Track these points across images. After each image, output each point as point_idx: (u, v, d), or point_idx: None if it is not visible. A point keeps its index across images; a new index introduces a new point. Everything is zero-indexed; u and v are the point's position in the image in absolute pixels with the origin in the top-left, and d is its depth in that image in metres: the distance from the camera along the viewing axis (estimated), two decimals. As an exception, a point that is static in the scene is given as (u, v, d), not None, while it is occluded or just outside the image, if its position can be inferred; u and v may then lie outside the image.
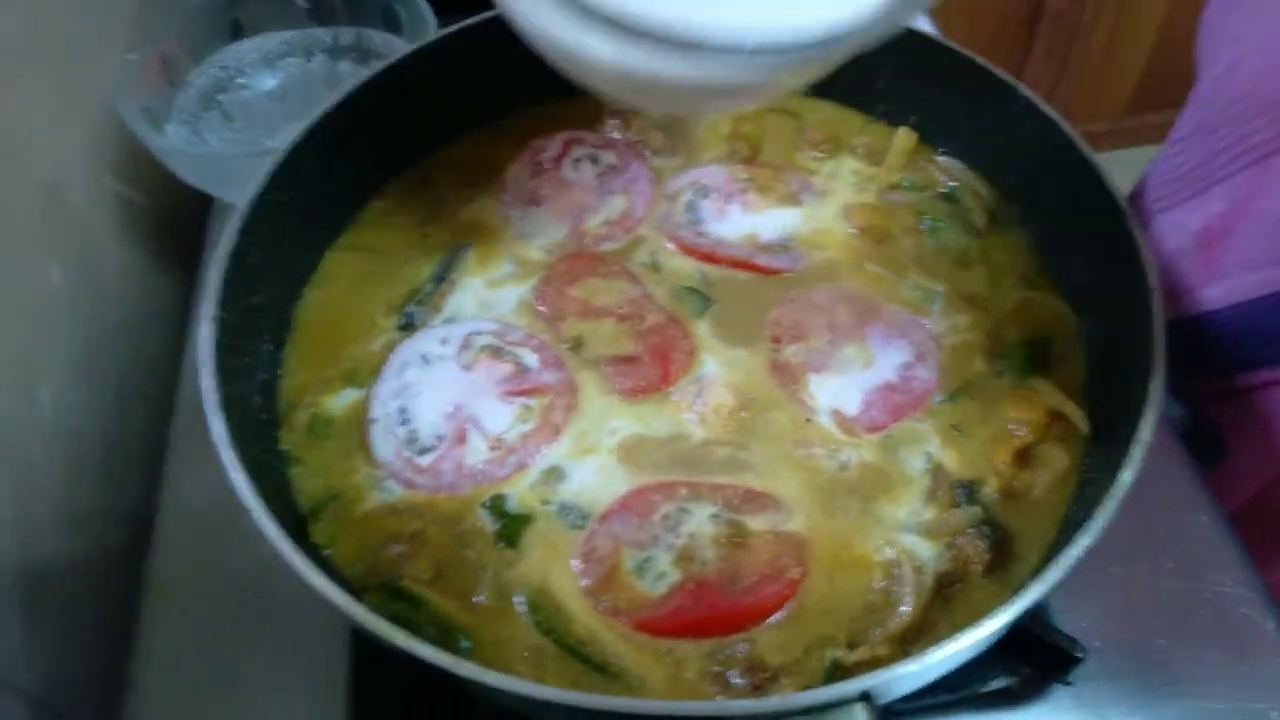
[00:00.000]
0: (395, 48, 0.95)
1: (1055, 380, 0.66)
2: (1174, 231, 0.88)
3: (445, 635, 0.57)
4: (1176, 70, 2.44)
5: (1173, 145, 0.88)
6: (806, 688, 0.53)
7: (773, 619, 0.57)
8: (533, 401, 0.65)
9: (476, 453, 0.63)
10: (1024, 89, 0.71)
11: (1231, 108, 0.79)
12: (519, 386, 0.66)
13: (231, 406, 0.58)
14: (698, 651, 0.56)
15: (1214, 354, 0.85)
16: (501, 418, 0.65)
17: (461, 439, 0.64)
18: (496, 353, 0.67)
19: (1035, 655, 0.63)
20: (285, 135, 0.69)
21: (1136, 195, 0.96)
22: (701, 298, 0.71)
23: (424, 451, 0.63)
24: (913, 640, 0.55)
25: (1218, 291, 0.84)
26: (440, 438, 0.64)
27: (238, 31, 0.96)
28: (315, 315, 0.72)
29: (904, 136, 0.79)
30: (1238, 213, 0.81)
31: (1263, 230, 0.78)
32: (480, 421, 0.65)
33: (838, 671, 0.54)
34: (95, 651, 0.76)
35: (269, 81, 0.96)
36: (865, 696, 0.46)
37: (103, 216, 0.91)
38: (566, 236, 0.75)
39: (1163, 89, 2.46)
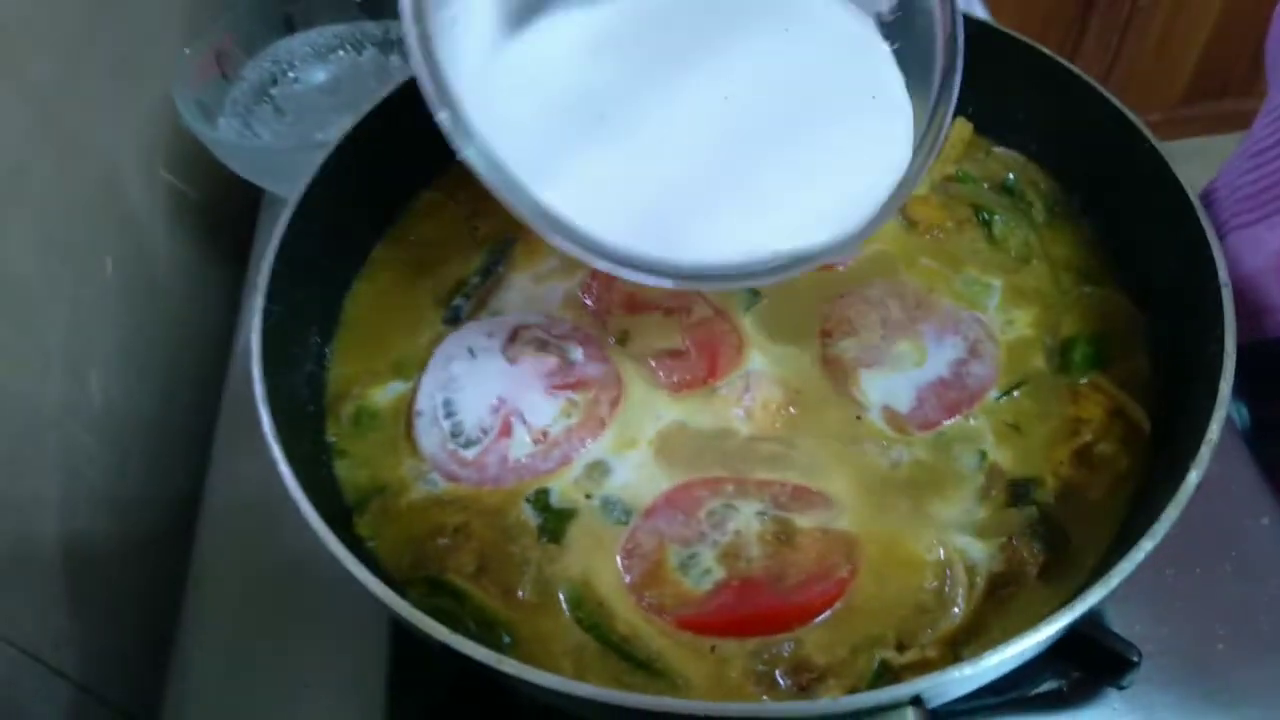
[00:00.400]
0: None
1: (1117, 377, 0.64)
2: (1253, 248, 0.85)
3: (487, 630, 0.57)
4: (1234, 59, 2.39)
5: (1250, 159, 0.84)
6: (854, 689, 0.52)
7: (820, 618, 0.56)
8: (578, 395, 0.65)
9: (521, 446, 0.63)
10: (1086, 76, 0.69)
11: None
12: (565, 380, 0.66)
13: (278, 398, 0.58)
14: (742, 650, 0.55)
15: None
16: (546, 411, 0.64)
17: (506, 432, 0.63)
18: (543, 346, 0.67)
19: (1088, 658, 0.61)
20: (335, 128, 0.69)
21: (1206, 203, 0.93)
22: (750, 291, 0.70)
23: (469, 444, 0.63)
24: (964, 642, 0.54)
25: None
26: (485, 431, 0.64)
27: (290, 26, 0.97)
28: (363, 308, 0.72)
29: (960, 127, 0.77)
30: None
31: None
32: (525, 415, 0.64)
33: (886, 673, 0.53)
34: (138, 637, 0.78)
35: (320, 75, 0.97)
36: (916, 700, 0.45)
37: (156, 208, 0.92)
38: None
39: (1220, 78, 2.40)
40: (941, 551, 0.58)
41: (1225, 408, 0.52)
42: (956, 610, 0.55)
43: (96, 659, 0.73)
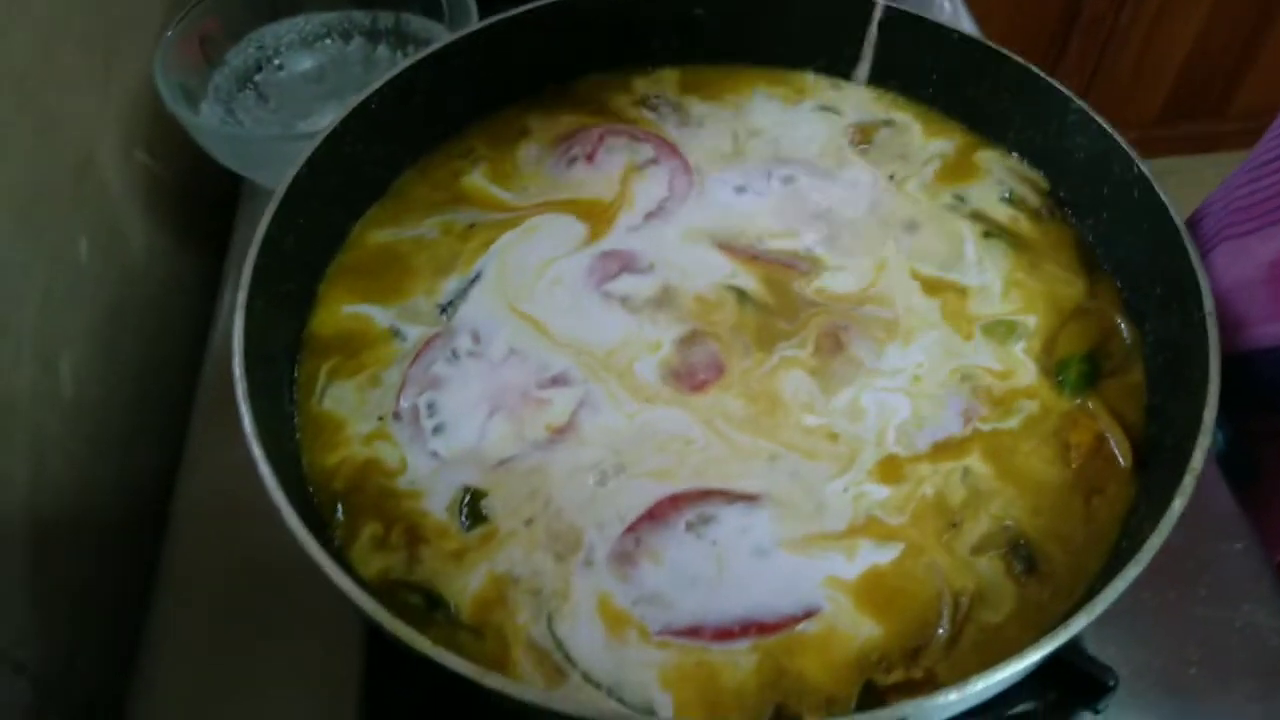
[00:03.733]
0: (434, 33, 0.94)
1: (1114, 394, 0.64)
2: (1243, 259, 0.85)
3: (467, 631, 0.56)
4: (1210, 82, 2.43)
5: (1250, 171, 0.85)
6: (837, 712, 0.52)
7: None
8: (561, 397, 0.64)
9: (502, 447, 0.63)
10: (1079, 101, 0.69)
11: None
12: (548, 379, 0.65)
13: (259, 396, 0.57)
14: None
15: (1275, 391, 0.83)
16: (528, 414, 0.64)
17: (487, 433, 0.63)
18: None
19: (1064, 681, 0.62)
20: (320, 118, 0.68)
21: (1200, 218, 0.94)
22: (738, 295, 0.69)
23: (449, 442, 0.63)
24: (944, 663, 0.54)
25: None
26: (467, 430, 0.63)
27: (276, 12, 0.95)
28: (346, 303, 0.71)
29: (961, 135, 0.78)
30: None
31: None
32: (508, 416, 0.64)
33: (872, 693, 0.53)
34: (104, 631, 0.76)
35: (305, 63, 0.95)
36: (900, 724, 0.45)
37: (133, 193, 0.90)
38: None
39: (1197, 99, 2.44)
40: (927, 573, 0.58)
41: (1210, 436, 0.53)
42: (941, 631, 0.55)
43: (60, 653, 0.71)
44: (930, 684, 0.53)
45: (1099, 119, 0.68)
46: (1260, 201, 0.83)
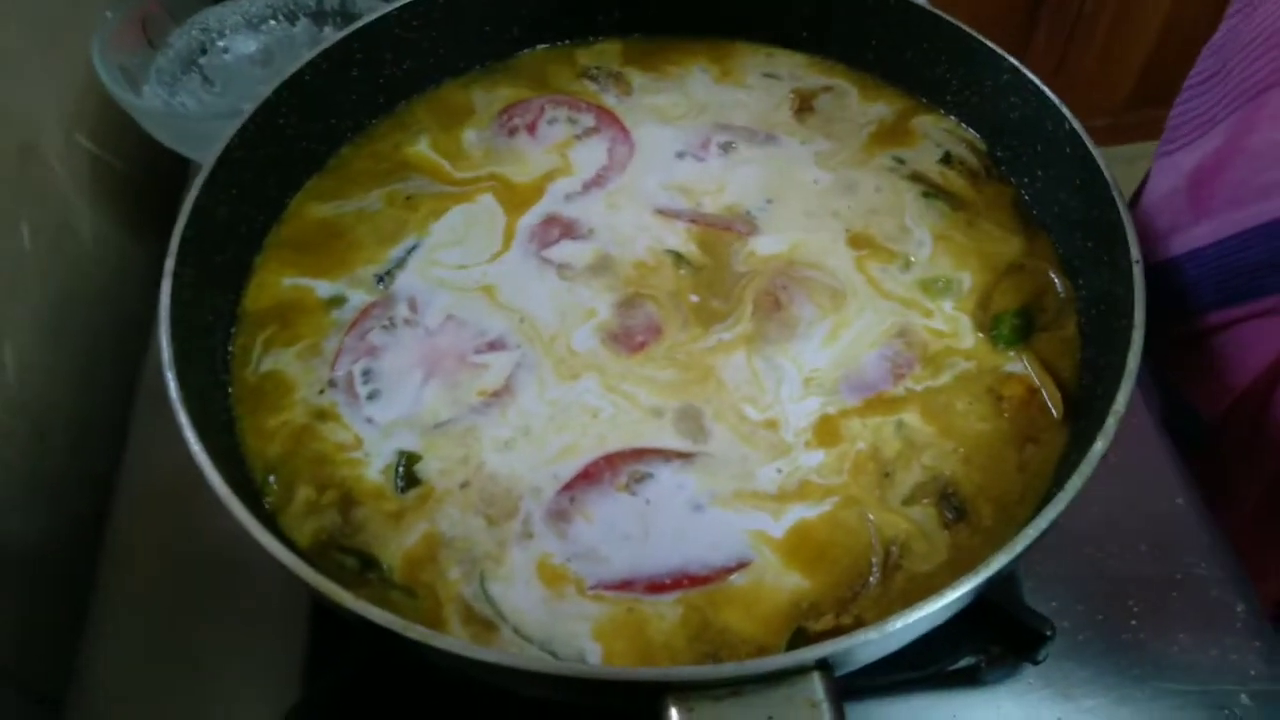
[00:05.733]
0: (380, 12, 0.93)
1: (1048, 348, 0.65)
2: (1171, 172, 0.89)
3: (404, 595, 0.56)
4: (1177, 67, 2.43)
5: (1185, 91, 0.88)
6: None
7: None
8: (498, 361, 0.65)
9: (436, 411, 0.63)
10: (1011, 59, 0.70)
11: (1244, 49, 0.78)
12: (485, 344, 0.65)
13: (190, 366, 0.57)
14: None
15: (1185, 296, 0.85)
16: (464, 379, 0.64)
17: (422, 399, 0.63)
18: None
19: (1004, 633, 0.62)
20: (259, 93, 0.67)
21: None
22: (675, 258, 0.70)
23: (383, 408, 0.63)
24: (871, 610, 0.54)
25: (1203, 230, 0.84)
26: (402, 396, 0.63)
27: (221, -8, 0.94)
28: (286, 276, 0.70)
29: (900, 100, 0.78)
30: (1230, 149, 0.82)
31: (1249, 165, 0.78)
32: (443, 382, 0.64)
33: (801, 641, 0.53)
34: (54, 618, 0.75)
35: (250, 45, 0.95)
36: (823, 665, 0.45)
37: (77, 178, 0.90)
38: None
39: (1165, 85, 2.43)
40: (858, 523, 0.58)
41: (1133, 380, 0.53)
42: (872, 580, 0.55)
43: (9, 640, 0.71)
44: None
45: (1032, 77, 0.69)
46: (1192, 119, 0.86)
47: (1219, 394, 0.88)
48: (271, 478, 0.60)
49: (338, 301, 0.68)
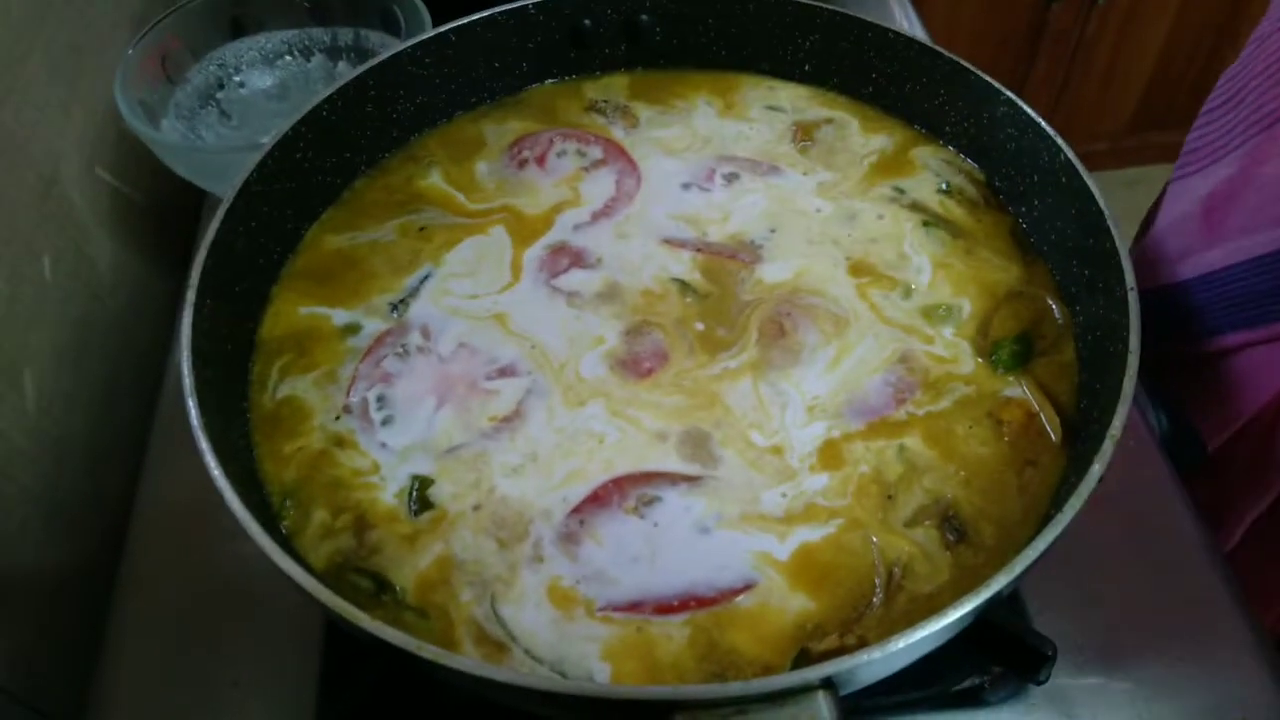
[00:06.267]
0: (393, 47, 0.96)
1: (1046, 373, 0.66)
2: (1184, 197, 0.91)
3: (419, 619, 0.57)
4: (1176, 92, 2.46)
5: (1202, 116, 0.90)
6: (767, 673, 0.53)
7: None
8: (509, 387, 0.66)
9: (450, 436, 0.64)
10: (1008, 93, 0.72)
11: (1257, 78, 0.80)
12: (496, 370, 0.67)
13: (209, 391, 0.58)
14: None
15: (1192, 319, 0.87)
16: (475, 404, 0.65)
17: (435, 424, 0.64)
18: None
19: (1006, 654, 0.63)
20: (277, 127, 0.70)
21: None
22: (684, 289, 0.71)
23: (397, 433, 0.64)
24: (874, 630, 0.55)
25: (1216, 254, 0.86)
26: (415, 421, 0.64)
27: (238, 29, 0.97)
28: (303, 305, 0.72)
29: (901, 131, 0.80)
30: (1244, 177, 0.83)
31: (1263, 194, 0.80)
32: (456, 407, 0.65)
33: (805, 661, 0.54)
34: (67, 643, 0.77)
35: (267, 80, 0.98)
36: (828, 684, 0.46)
37: (97, 210, 0.92)
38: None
39: (1165, 109, 2.48)
40: (863, 545, 0.59)
41: (1128, 405, 0.54)
42: (876, 601, 0.57)
43: (26, 665, 0.72)
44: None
45: (1027, 109, 0.70)
46: (1208, 144, 0.88)
47: (1226, 418, 0.90)
48: (288, 502, 0.61)
49: (353, 329, 0.70)
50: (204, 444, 0.55)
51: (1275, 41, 0.79)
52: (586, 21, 0.83)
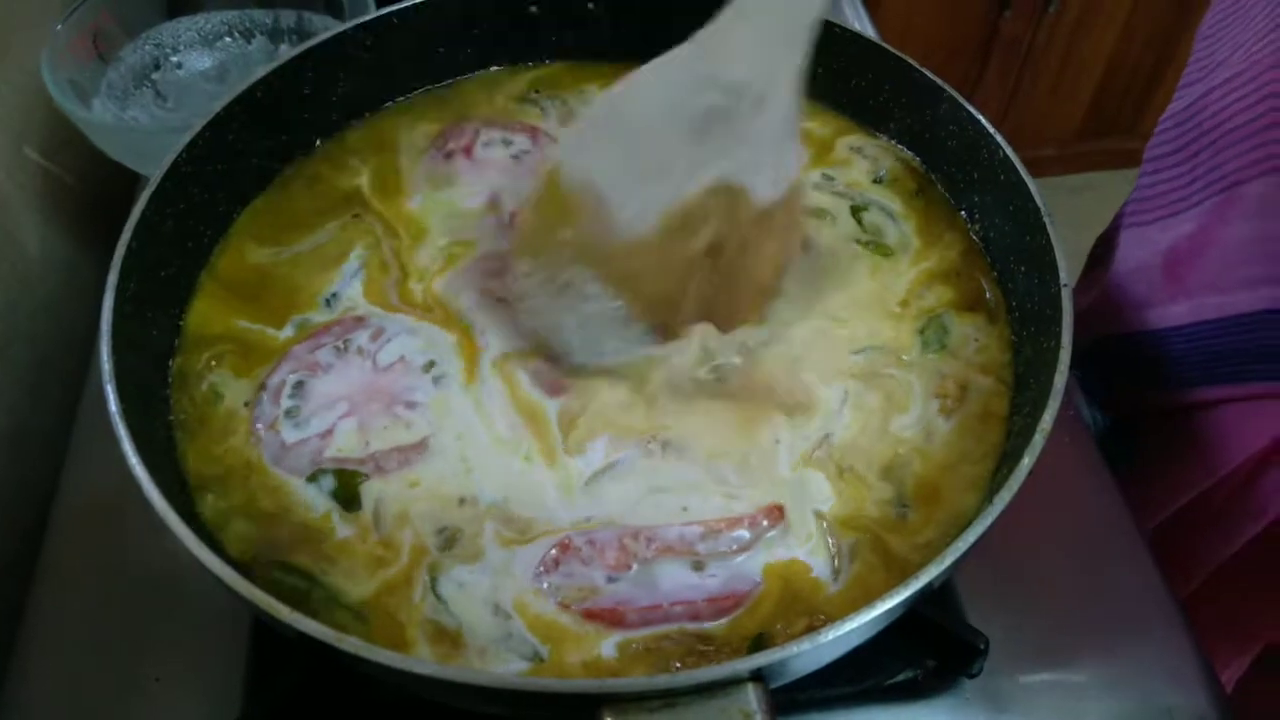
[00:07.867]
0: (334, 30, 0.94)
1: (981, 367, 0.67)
2: (1143, 246, 0.90)
3: (346, 614, 0.56)
4: (1122, 100, 2.51)
5: (1149, 162, 0.90)
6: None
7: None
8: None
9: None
10: (950, 89, 0.72)
11: (1206, 135, 0.81)
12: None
13: (130, 379, 0.57)
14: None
15: (1167, 369, 0.87)
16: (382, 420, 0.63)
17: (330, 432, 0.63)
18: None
19: (939, 647, 0.63)
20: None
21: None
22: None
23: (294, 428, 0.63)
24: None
25: (1180, 310, 0.86)
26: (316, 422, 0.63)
27: (175, 9, 0.94)
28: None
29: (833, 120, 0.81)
30: (1206, 236, 0.83)
31: (1227, 257, 0.80)
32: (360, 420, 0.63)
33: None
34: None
35: (205, 62, 0.95)
36: (757, 676, 0.46)
37: (24, 191, 0.89)
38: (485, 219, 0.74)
39: (1113, 116, 2.53)
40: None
41: (1059, 400, 0.54)
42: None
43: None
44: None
45: (968, 106, 0.71)
46: (1160, 194, 0.88)
47: (1198, 475, 0.89)
48: (210, 495, 0.60)
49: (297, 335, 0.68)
50: (122, 431, 0.53)
51: (1216, 99, 0.79)
52: (533, 9, 0.82)
